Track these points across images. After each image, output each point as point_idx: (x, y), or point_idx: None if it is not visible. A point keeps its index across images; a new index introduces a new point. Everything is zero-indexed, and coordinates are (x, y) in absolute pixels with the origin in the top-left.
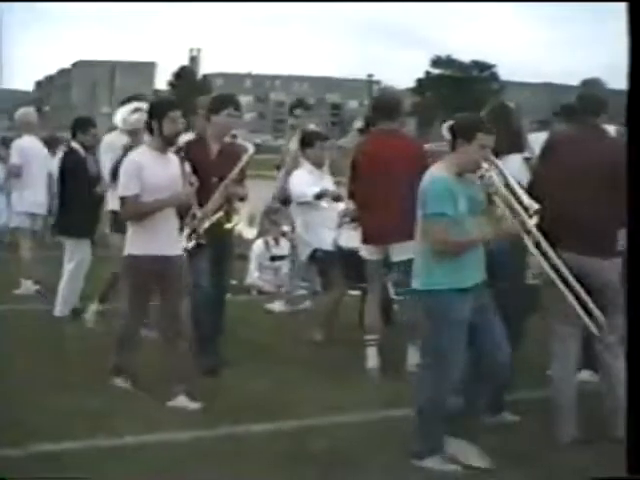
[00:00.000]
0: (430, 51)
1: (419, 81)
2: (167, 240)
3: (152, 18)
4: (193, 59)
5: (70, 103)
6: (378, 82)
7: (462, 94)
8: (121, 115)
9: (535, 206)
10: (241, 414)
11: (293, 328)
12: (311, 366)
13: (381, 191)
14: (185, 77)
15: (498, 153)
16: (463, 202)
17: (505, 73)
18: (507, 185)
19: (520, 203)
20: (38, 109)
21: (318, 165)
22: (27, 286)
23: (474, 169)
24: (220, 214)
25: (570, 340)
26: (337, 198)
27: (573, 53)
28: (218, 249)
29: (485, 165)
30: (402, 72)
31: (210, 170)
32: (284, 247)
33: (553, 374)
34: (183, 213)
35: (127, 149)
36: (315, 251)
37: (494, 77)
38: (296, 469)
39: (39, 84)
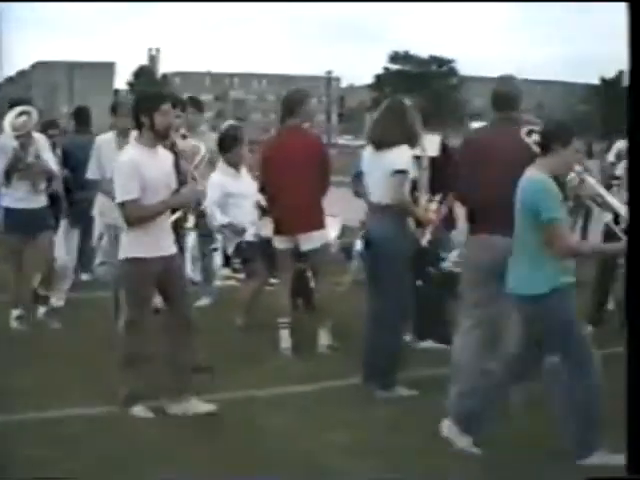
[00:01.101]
0: (388, 47)
1: (378, 77)
2: (168, 239)
3: (110, 19)
4: (152, 58)
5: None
6: (337, 79)
7: (421, 89)
8: (8, 119)
9: (624, 210)
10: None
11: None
12: (232, 349)
13: (286, 184)
14: (144, 76)
15: (390, 145)
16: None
17: (463, 68)
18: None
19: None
20: None
21: (235, 166)
22: None
23: (567, 172)
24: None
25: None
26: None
27: (532, 48)
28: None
29: (578, 168)
30: (360, 68)
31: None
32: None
33: (452, 352)
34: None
35: (17, 151)
36: (240, 242)
37: (453, 72)
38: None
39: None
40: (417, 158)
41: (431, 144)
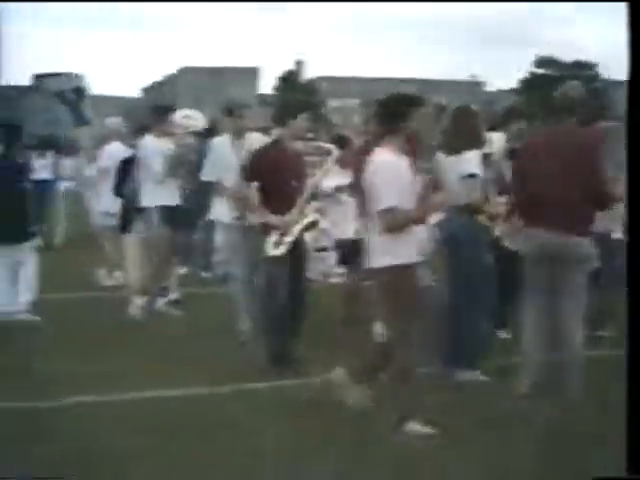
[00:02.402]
0: (529, 51)
1: (523, 81)
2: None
3: (255, 23)
4: (298, 63)
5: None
6: (482, 83)
7: None
8: (176, 121)
9: None
10: None
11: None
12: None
13: None
14: (290, 81)
15: (460, 150)
16: None
17: (607, 72)
18: None
19: None
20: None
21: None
22: (107, 276)
23: None
24: (312, 218)
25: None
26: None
27: None
28: (298, 253)
29: None
30: (501, 72)
31: (289, 173)
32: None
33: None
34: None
35: (178, 153)
36: (338, 241)
37: (596, 76)
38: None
39: (146, 90)
40: (485, 157)
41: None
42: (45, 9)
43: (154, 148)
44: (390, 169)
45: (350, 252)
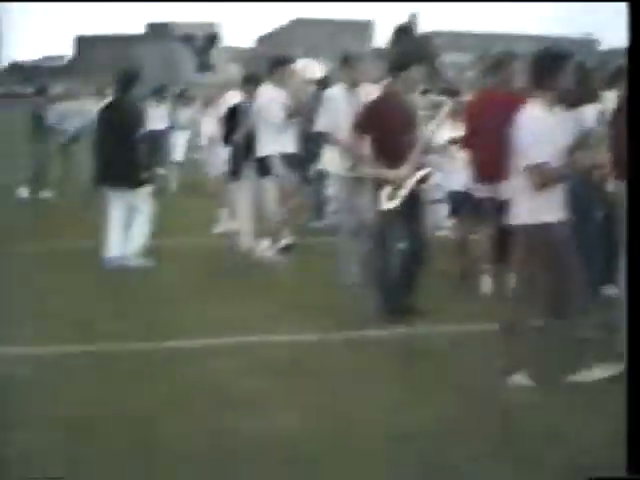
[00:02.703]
0: None
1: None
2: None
3: None
4: (412, 17)
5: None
6: (595, 41)
7: None
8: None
9: None
10: None
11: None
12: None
13: (487, 135)
14: (403, 35)
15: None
16: None
17: None
18: None
19: None
20: (257, 66)
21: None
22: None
23: None
24: (426, 171)
25: None
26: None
27: None
28: (414, 206)
29: None
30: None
31: (402, 126)
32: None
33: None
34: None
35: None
36: (449, 192)
37: None
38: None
39: (260, 41)
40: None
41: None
42: None
43: (273, 96)
44: (540, 125)
45: (461, 204)
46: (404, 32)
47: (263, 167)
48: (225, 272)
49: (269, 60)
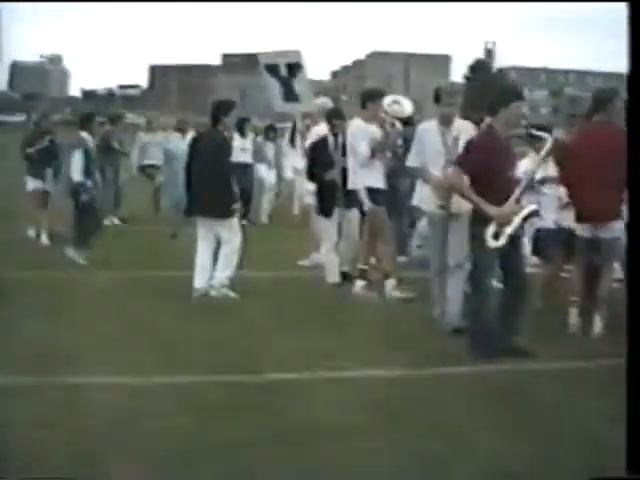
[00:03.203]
0: None
1: None
2: None
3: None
4: (488, 52)
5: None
6: None
7: None
8: (385, 106)
9: None
10: None
11: None
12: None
13: (591, 175)
14: (480, 70)
15: None
16: None
17: None
18: None
19: None
20: (334, 99)
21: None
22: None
23: None
24: (532, 208)
25: None
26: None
27: None
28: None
29: None
30: None
31: (505, 162)
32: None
33: None
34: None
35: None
36: (538, 230)
37: None
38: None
39: (334, 74)
40: None
41: None
42: None
43: (362, 131)
44: None
45: (550, 242)
46: (481, 67)
47: (351, 200)
48: (313, 304)
49: (360, 94)
